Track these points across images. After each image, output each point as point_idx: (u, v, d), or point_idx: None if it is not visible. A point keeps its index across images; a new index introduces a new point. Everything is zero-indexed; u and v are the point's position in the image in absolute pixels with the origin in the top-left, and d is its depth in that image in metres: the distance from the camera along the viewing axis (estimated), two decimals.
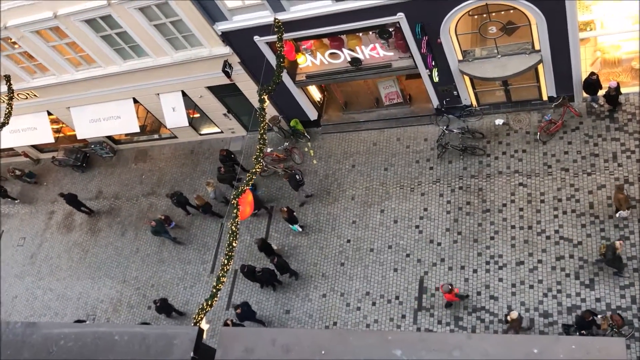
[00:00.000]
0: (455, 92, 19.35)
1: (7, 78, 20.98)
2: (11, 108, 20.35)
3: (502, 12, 16.69)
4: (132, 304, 21.55)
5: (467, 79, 18.79)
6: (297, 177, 20.17)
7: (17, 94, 21.98)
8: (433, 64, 17.86)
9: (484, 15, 16.82)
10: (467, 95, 19.54)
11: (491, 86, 19.33)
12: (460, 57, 18.03)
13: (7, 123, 20.07)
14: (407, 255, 18.60)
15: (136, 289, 21.82)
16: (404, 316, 17.71)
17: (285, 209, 19.12)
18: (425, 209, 19.15)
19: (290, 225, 19.83)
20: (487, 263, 17.58)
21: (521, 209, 18.01)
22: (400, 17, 16.58)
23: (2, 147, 25.33)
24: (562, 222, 17.38)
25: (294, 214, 19.62)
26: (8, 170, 25.81)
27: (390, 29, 17.62)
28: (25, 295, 23.62)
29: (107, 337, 2.79)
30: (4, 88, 21.16)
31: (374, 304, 18.24)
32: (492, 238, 17.91)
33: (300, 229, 20.02)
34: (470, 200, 18.72)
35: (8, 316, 23.14)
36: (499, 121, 19.66)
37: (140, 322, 20.06)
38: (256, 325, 18.48)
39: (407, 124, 21.03)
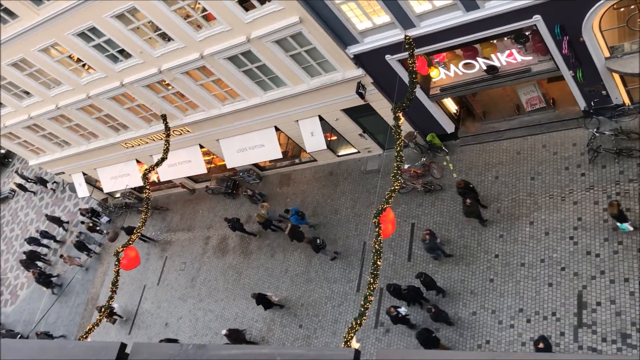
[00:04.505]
0: (604, 92, 18.02)
1: (164, 117, 23.04)
2: (168, 144, 22.30)
3: None
4: (284, 323, 22.39)
5: (616, 76, 17.44)
6: (318, 241, 21.08)
7: (173, 131, 24.02)
8: (576, 64, 16.83)
9: (632, 7, 15.57)
10: (618, 94, 18.10)
11: None
12: (607, 54, 16.80)
13: (166, 158, 22.01)
14: (562, 269, 17.49)
15: (287, 308, 22.65)
16: (562, 333, 16.62)
17: (615, 203, 16.22)
18: (579, 219, 17.93)
19: (619, 224, 16.85)
20: None
21: None
22: (537, 19, 15.86)
23: (162, 179, 27.78)
24: None
25: (623, 210, 16.59)
26: (242, 190, 26.49)
27: (527, 33, 16.91)
28: (188, 317, 25.47)
29: (268, 358, 2.96)
30: (162, 126, 23.26)
31: (528, 320, 17.33)
32: None
33: (632, 228, 16.74)
34: (631, 207, 17.22)
35: (175, 336, 25.08)
36: None
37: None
38: None
39: (553, 130, 19.92)
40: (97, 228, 30.85)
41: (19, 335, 29.31)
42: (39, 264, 31.87)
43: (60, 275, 31.15)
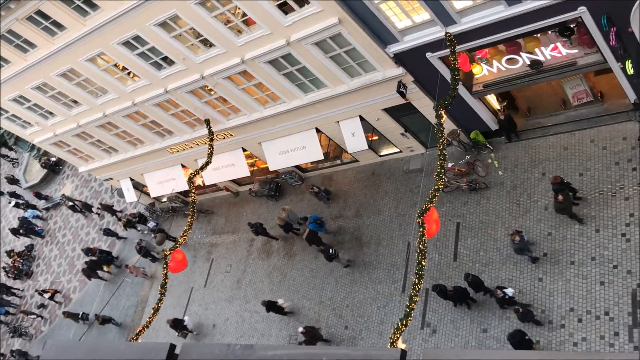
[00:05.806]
0: None
1: (207, 122, 23.39)
2: (212, 148, 22.63)
3: None
4: (329, 324, 22.40)
5: None
6: (330, 251, 21.53)
7: (216, 135, 24.36)
8: (625, 55, 16.30)
9: None
10: None
11: None
12: None
13: (210, 162, 22.33)
14: (615, 267, 16.96)
15: (332, 309, 22.67)
16: (617, 334, 16.12)
17: None
18: (632, 215, 17.36)
19: None
20: None
21: None
22: (582, 11, 15.45)
23: (207, 183, 28.20)
24: None
25: None
26: (307, 188, 26.07)
27: (572, 25, 16.48)
28: (235, 318, 25.77)
29: (316, 358, 2.98)
30: (206, 131, 23.61)
31: (579, 320, 16.88)
32: None
33: None
34: None
35: (222, 337, 25.43)
36: None
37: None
38: None
39: (601, 124, 19.36)
40: (137, 228, 31.53)
41: (82, 313, 30.45)
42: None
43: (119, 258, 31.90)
